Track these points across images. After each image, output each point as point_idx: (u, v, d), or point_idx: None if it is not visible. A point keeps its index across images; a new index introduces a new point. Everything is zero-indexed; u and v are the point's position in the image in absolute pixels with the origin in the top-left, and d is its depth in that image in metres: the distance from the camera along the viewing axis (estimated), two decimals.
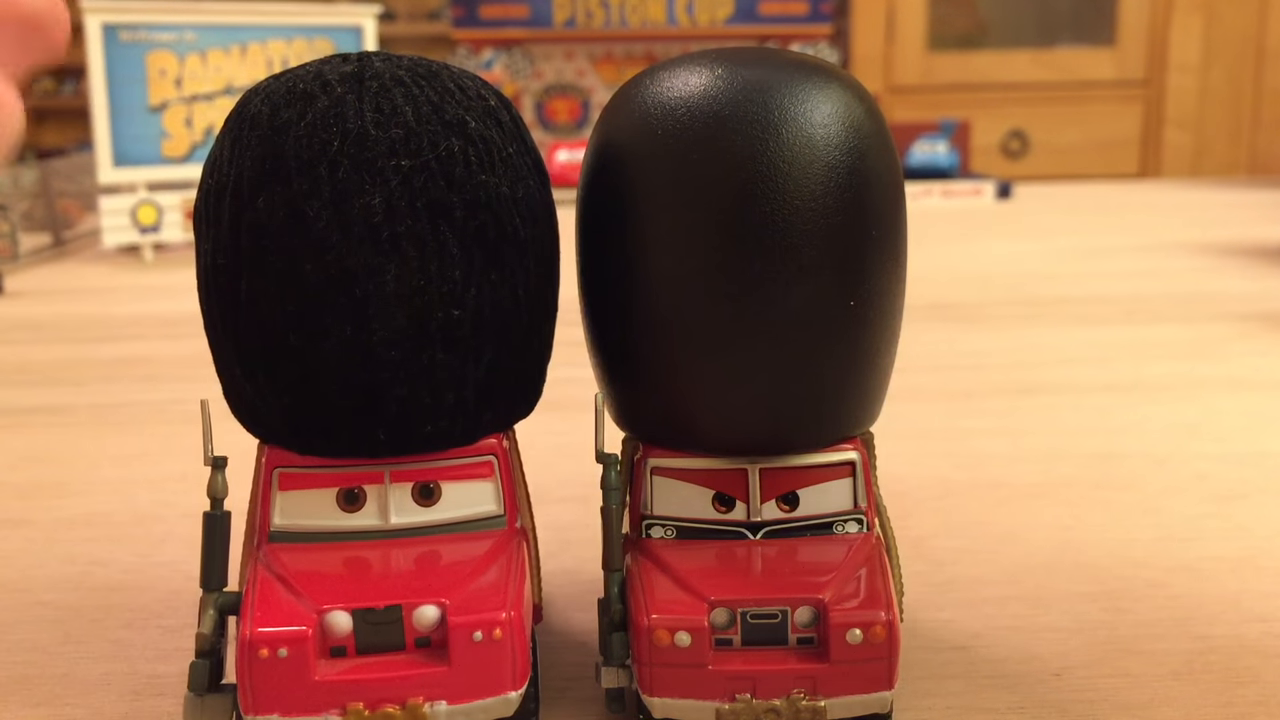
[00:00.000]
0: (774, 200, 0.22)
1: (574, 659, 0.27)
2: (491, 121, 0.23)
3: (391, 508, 0.24)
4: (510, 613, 0.21)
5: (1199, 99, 2.39)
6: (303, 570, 0.22)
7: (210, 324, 0.23)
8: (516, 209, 0.23)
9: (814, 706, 0.22)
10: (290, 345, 0.22)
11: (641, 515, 0.25)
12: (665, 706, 0.22)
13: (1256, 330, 0.64)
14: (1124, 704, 0.25)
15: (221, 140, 0.23)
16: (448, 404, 0.23)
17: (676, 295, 0.23)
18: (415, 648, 0.22)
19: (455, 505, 0.24)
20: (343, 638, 0.21)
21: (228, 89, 1.00)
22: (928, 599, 0.31)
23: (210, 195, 0.23)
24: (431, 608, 0.21)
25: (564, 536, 0.34)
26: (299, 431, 0.23)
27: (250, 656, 0.21)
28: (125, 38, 0.95)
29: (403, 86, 0.22)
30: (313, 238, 0.21)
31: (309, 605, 0.21)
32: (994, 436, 0.46)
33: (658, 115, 0.23)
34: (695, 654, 0.22)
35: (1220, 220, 1.16)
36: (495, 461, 0.24)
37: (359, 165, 0.21)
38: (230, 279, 0.22)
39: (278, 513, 0.24)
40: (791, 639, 0.22)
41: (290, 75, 0.23)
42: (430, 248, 0.22)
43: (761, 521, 0.24)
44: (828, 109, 0.23)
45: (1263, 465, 0.41)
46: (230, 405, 0.24)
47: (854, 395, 0.24)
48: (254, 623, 0.21)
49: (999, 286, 0.80)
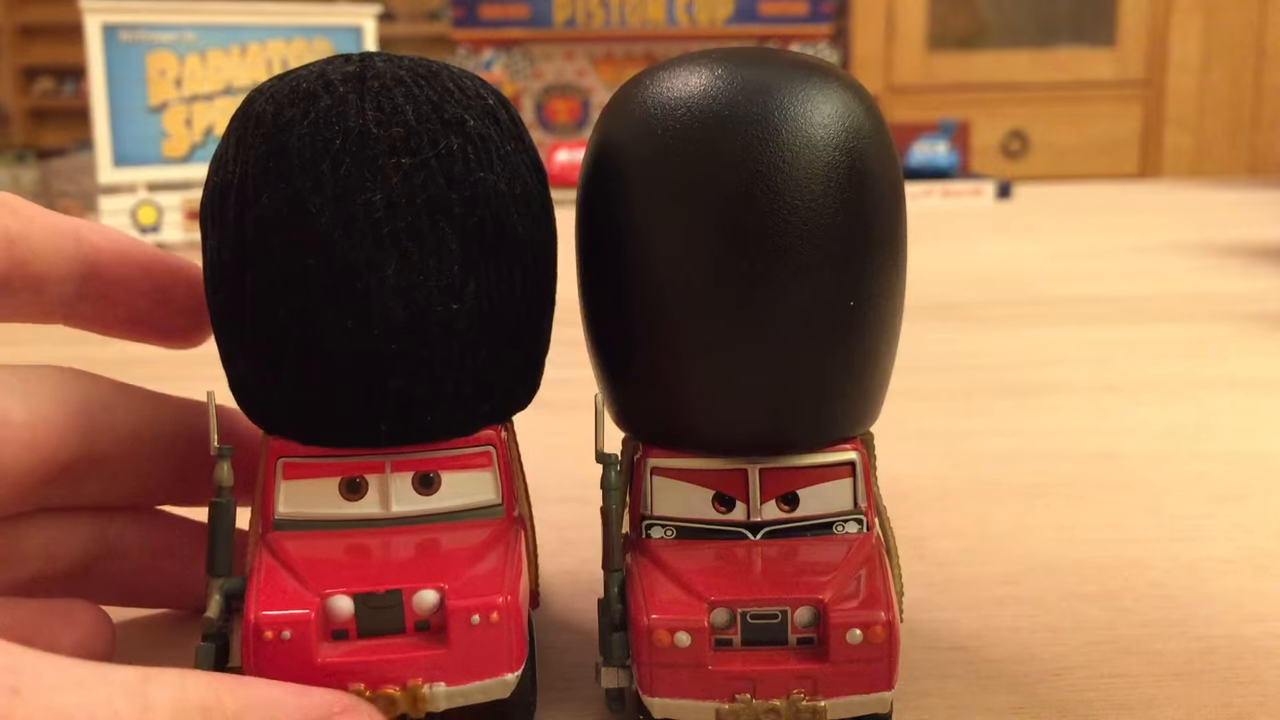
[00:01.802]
0: (774, 200, 0.22)
1: (574, 659, 0.27)
2: (490, 120, 0.23)
3: (393, 496, 0.24)
4: (507, 597, 0.22)
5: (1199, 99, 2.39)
6: (306, 556, 0.23)
7: (216, 318, 0.24)
8: (514, 205, 0.23)
9: (814, 707, 0.22)
10: (293, 338, 0.22)
11: (641, 515, 0.25)
12: (665, 706, 0.22)
13: (1256, 330, 0.64)
14: (1123, 704, 0.25)
15: (227, 139, 0.23)
16: (447, 395, 0.23)
17: (676, 295, 0.23)
18: (415, 631, 0.22)
19: (455, 494, 0.24)
20: (344, 621, 0.22)
21: (228, 89, 1.00)
22: (928, 599, 0.31)
23: (215, 192, 0.23)
24: (431, 592, 0.22)
25: (564, 536, 0.34)
26: (302, 422, 0.24)
27: (255, 639, 0.21)
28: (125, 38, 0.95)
29: (403, 86, 0.23)
30: (315, 233, 0.22)
31: (312, 590, 0.22)
32: (994, 436, 0.46)
33: (658, 115, 0.23)
34: (695, 654, 0.22)
35: (1220, 220, 1.16)
36: (494, 452, 0.25)
37: (360, 163, 0.22)
38: (235, 274, 0.22)
39: (282, 501, 0.24)
40: (791, 639, 0.22)
41: (294, 75, 0.23)
42: (429, 243, 0.22)
43: (761, 521, 0.24)
44: (828, 109, 0.23)
45: (1263, 465, 0.41)
46: (236, 397, 0.24)
47: (854, 395, 0.24)
48: (259, 606, 0.21)
49: (999, 286, 0.80)
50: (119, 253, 0.26)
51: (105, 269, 0.26)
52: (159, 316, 0.27)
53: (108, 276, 0.26)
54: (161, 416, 0.26)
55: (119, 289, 0.26)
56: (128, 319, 0.27)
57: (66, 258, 0.25)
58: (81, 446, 0.24)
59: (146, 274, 0.27)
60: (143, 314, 0.27)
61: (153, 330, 0.28)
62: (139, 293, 0.27)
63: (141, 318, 0.27)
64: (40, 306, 0.26)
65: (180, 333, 0.28)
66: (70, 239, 0.25)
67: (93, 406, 0.24)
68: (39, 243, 0.24)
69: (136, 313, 0.27)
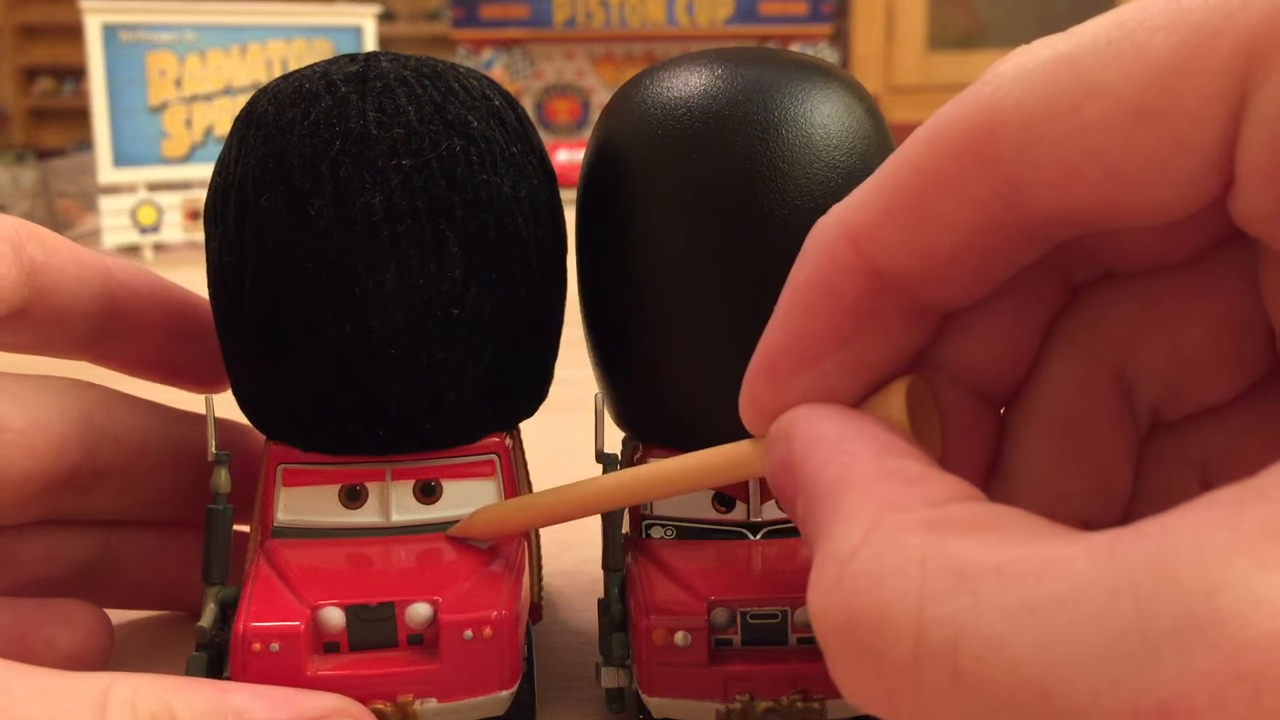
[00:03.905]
0: (774, 200, 0.22)
1: (574, 659, 0.27)
2: (495, 121, 0.23)
3: (393, 505, 0.24)
4: (501, 612, 0.21)
5: None
6: (302, 566, 0.23)
7: (218, 321, 0.24)
8: (519, 208, 0.23)
9: (814, 707, 0.22)
10: (291, 342, 0.22)
11: (641, 515, 0.25)
12: (665, 706, 0.22)
13: None
14: None
15: (230, 140, 0.23)
16: (448, 402, 0.23)
17: (676, 295, 0.23)
18: (408, 645, 0.22)
19: (457, 503, 0.24)
20: (336, 633, 0.21)
21: (228, 89, 1.00)
22: None
23: (218, 194, 0.23)
24: (424, 605, 0.21)
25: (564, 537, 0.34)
26: (300, 427, 0.23)
27: (243, 650, 0.21)
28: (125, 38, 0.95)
29: (406, 86, 0.22)
30: (313, 236, 0.22)
31: (304, 601, 0.21)
32: None
33: (658, 115, 0.23)
34: (695, 654, 0.22)
35: None
36: (497, 460, 0.24)
37: (360, 164, 0.22)
38: (235, 276, 0.22)
39: (281, 508, 0.24)
40: (791, 639, 0.22)
41: (298, 75, 0.23)
42: (430, 247, 0.22)
43: (761, 521, 0.24)
44: (828, 109, 0.23)
45: None
46: (238, 401, 0.24)
47: None
48: (248, 617, 0.21)
49: None
50: (147, 293, 0.26)
51: (131, 308, 0.26)
52: (183, 359, 0.27)
53: (133, 315, 0.26)
54: (165, 428, 0.26)
55: (144, 328, 0.26)
56: (152, 359, 0.27)
57: (93, 293, 0.25)
58: (84, 455, 0.24)
59: (172, 315, 0.27)
60: (167, 355, 0.27)
61: (176, 372, 0.28)
62: (164, 333, 0.27)
63: (165, 359, 0.27)
64: (64, 340, 0.25)
65: (204, 377, 0.27)
66: (98, 275, 0.25)
67: (95, 415, 0.24)
68: (64, 276, 0.24)
69: (161, 354, 0.27)
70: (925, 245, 0.16)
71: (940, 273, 0.16)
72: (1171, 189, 0.14)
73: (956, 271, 0.16)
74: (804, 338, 0.17)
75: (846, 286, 0.17)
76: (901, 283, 0.16)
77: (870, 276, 0.16)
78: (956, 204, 0.15)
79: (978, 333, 0.18)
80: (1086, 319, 0.18)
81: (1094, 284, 0.18)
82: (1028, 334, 0.18)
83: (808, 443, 0.16)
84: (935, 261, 0.16)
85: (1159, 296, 0.17)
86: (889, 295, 0.17)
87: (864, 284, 0.16)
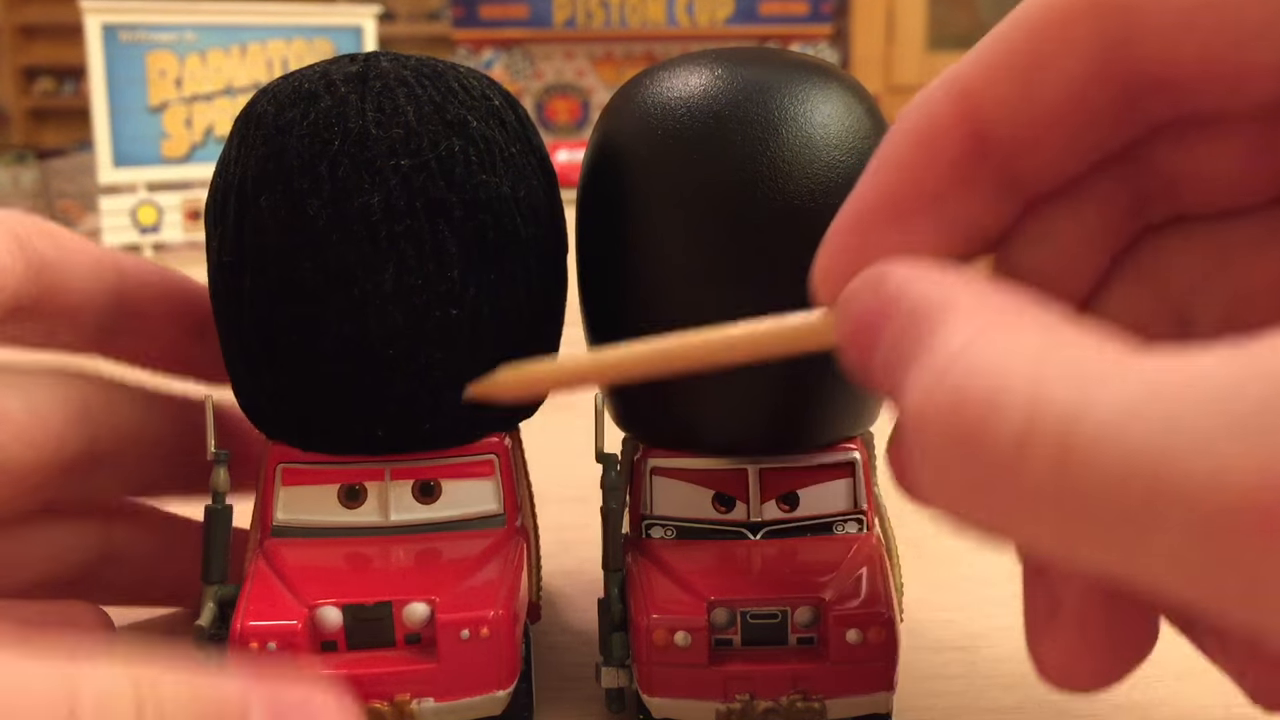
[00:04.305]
0: (774, 200, 0.22)
1: (574, 659, 0.27)
2: (495, 121, 0.23)
3: (392, 505, 0.24)
4: (499, 611, 0.21)
5: None
6: (300, 565, 0.23)
7: (219, 321, 0.24)
8: (518, 209, 0.23)
9: (814, 707, 0.22)
10: (290, 342, 0.22)
11: (641, 515, 0.25)
12: (665, 706, 0.22)
13: None
14: (1123, 704, 0.25)
15: (230, 140, 0.23)
16: (447, 402, 0.23)
17: (675, 295, 0.23)
18: (405, 644, 0.22)
19: (455, 503, 0.24)
20: (333, 633, 0.21)
21: (228, 89, 1.00)
22: (928, 599, 0.31)
23: (218, 194, 0.23)
24: (421, 605, 0.22)
25: (564, 536, 0.34)
26: (299, 427, 0.23)
27: (240, 650, 0.21)
28: (125, 38, 0.95)
29: (406, 86, 0.22)
30: (312, 236, 0.22)
31: (301, 600, 0.22)
32: None
33: (658, 115, 0.23)
34: (695, 654, 0.22)
35: None
36: (496, 460, 0.24)
37: (359, 164, 0.22)
38: (235, 277, 0.22)
39: (281, 508, 0.24)
40: (791, 639, 0.22)
41: (297, 75, 0.23)
42: (428, 247, 0.22)
43: (761, 521, 0.24)
44: (828, 109, 0.23)
45: None
46: (239, 401, 0.24)
47: (854, 395, 0.24)
48: (246, 616, 0.21)
49: None
50: (161, 289, 0.26)
51: (144, 304, 0.26)
52: (195, 354, 0.27)
53: (146, 312, 0.26)
54: (163, 413, 0.26)
55: (157, 325, 0.26)
56: (164, 355, 0.27)
57: (105, 289, 0.25)
58: (83, 444, 0.24)
59: (185, 311, 0.26)
60: (179, 351, 0.27)
61: (188, 367, 0.28)
62: (177, 329, 0.27)
63: (178, 354, 0.27)
64: (76, 335, 0.25)
65: (215, 371, 0.27)
66: (111, 271, 0.25)
67: (93, 404, 0.24)
68: (76, 272, 0.24)
69: (173, 349, 0.27)
70: (1032, 100, 0.16)
71: (1041, 137, 0.16)
72: (1274, 51, 0.14)
73: (1055, 138, 0.16)
74: (896, 193, 0.17)
75: (947, 143, 0.17)
76: (1001, 148, 0.16)
77: (972, 138, 0.17)
78: (1067, 54, 0.15)
79: (1051, 241, 0.18)
80: (1156, 254, 0.18)
81: (1165, 226, 0.18)
82: (1097, 256, 0.18)
83: (905, 280, 0.16)
84: (1038, 123, 0.16)
85: (1229, 241, 0.17)
86: (986, 162, 0.17)
87: (964, 144, 0.17)
